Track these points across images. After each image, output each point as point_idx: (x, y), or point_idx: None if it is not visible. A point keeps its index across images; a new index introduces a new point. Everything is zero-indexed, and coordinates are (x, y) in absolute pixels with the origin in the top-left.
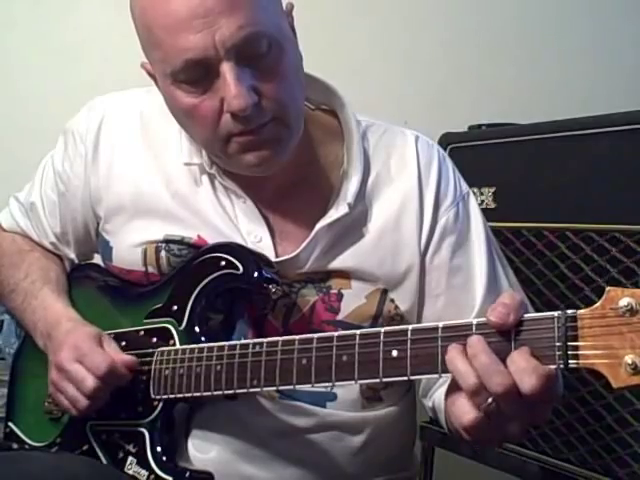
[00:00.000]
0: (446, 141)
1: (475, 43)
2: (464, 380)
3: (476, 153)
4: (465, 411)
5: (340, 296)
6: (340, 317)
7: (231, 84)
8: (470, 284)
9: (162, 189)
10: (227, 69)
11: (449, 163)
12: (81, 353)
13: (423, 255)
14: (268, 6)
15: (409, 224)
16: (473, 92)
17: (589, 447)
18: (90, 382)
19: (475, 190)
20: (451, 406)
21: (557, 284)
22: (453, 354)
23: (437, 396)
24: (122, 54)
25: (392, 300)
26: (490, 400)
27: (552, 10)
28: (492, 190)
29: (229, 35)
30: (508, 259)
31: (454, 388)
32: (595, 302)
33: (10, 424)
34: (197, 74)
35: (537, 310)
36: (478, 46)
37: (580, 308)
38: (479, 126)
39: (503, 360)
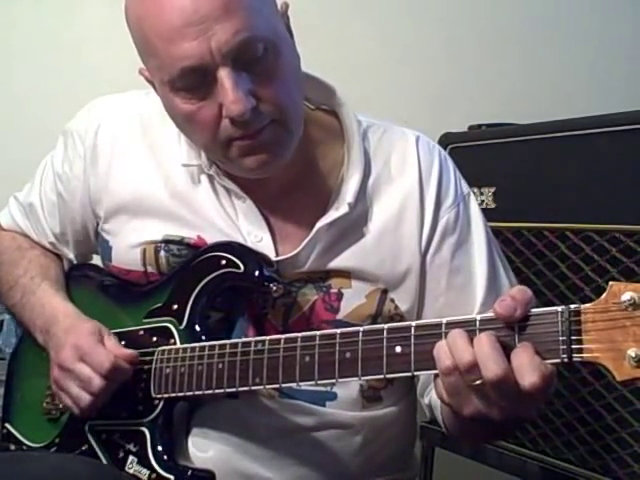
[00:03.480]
0: (446, 141)
1: (475, 43)
2: (460, 356)
3: (476, 153)
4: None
5: (340, 295)
6: (340, 316)
7: (229, 90)
8: (470, 285)
9: (162, 189)
10: (224, 75)
11: (450, 163)
12: (83, 352)
13: (424, 255)
14: (262, 9)
15: (410, 224)
16: (473, 92)
17: (589, 447)
18: (96, 381)
19: (475, 190)
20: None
21: (557, 284)
22: (455, 332)
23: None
24: (122, 54)
25: (392, 300)
26: (479, 382)
27: (552, 10)
28: (492, 190)
29: (225, 41)
30: (508, 259)
31: None
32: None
33: (7, 425)
34: (194, 81)
35: None
36: (478, 46)
37: None
38: (479, 126)
39: (506, 355)
